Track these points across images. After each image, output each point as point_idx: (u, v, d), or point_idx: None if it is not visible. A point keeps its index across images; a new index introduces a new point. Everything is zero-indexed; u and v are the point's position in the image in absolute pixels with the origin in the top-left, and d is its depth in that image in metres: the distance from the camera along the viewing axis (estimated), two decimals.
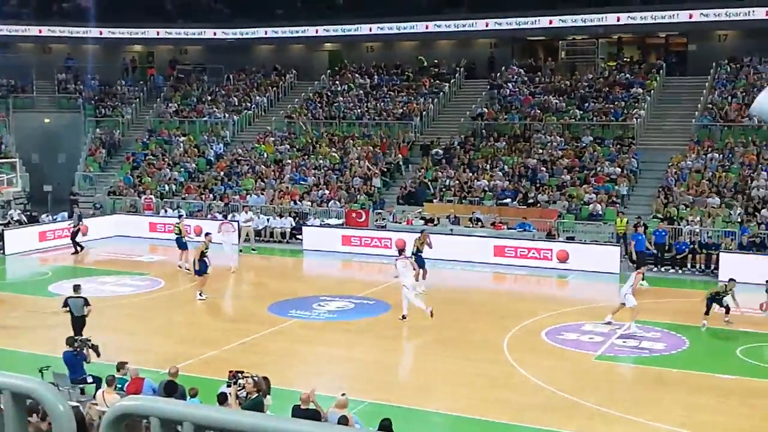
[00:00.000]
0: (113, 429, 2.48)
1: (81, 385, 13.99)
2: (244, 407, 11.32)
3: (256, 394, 11.79)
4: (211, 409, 2.47)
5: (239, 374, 12.22)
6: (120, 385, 12.71)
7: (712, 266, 25.72)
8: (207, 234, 25.14)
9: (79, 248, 30.00)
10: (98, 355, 14.23)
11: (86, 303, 17.47)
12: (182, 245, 27.15)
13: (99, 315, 21.46)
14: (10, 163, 30.76)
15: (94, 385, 13.98)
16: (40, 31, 44.83)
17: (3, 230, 29.96)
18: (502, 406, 14.45)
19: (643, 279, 21.57)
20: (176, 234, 27.57)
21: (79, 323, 17.13)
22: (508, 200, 31.34)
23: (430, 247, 23.83)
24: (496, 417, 13.99)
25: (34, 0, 47.06)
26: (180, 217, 30.91)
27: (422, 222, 30.37)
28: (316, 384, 13.21)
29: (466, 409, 14.40)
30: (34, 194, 37.60)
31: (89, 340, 14.37)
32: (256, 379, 12.07)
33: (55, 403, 2.37)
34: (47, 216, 33.61)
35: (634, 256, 25.34)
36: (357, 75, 43.32)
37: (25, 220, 32.02)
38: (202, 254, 22.76)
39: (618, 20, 38.37)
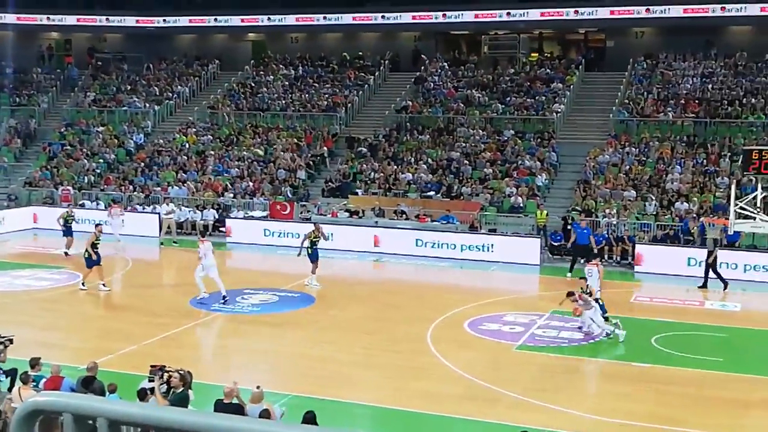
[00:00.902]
0: (25, 425, 2.42)
1: None
2: (170, 402, 11.18)
3: (182, 389, 11.66)
4: (126, 404, 2.44)
5: (163, 368, 12.04)
6: (36, 383, 12.37)
7: (629, 258, 26.42)
8: (97, 224, 24.69)
9: None
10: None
11: None
12: (67, 233, 27.51)
13: (13, 310, 20.91)
14: None
15: (9, 381, 13.58)
16: None
17: None
18: (425, 397, 14.58)
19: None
20: (65, 222, 27.77)
21: None
22: (432, 193, 31.61)
23: (325, 239, 23.85)
24: (419, 407, 14.12)
25: None
26: (69, 206, 30.65)
27: (347, 214, 30.42)
28: (239, 378, 13.10)
29: (390, 401, 14.50)
30: None
31: (4, 337, 13.92)
32: (182, 373, 11.93)
33: None
34: None
35: (570, 246, 25.69)
36: (281, 66, 43.02)
37: None
38: (94, 245, 22.42)
39: (539, 16, 39.05)
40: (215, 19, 44.13)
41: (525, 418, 13.44)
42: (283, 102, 39.82)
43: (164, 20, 44.80)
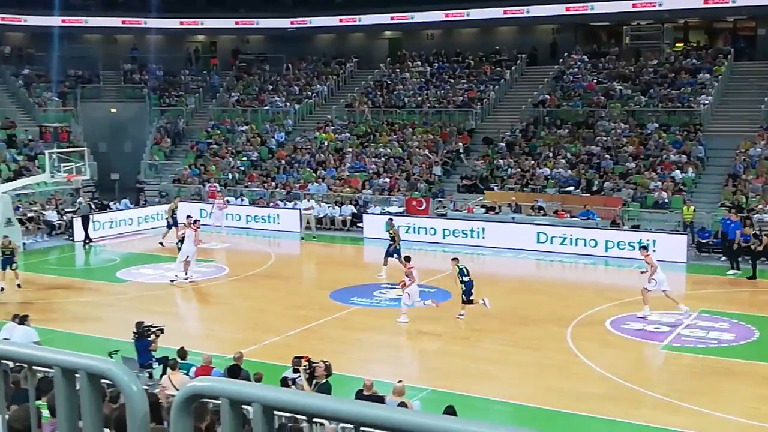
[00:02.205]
0: (184, 408, 2.49)
1: (148, 370, 14.26)
2: (317, 391, 11.46)
3: (325, 380, 11.92)
4: (281, 391, 2.47)
5: (309, 360, 12.31)
6: (184, 371, 12.91)
7: None
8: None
9: (90, 240, 29.65)
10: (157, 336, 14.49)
11: None
12: (170, 225, 29.09)
13: (165, 302, 21.98)
14: (79, 152, 31.34)
15: (161, 368, 14.26)
16: (120, 23, 45.70)
17: (72, 218, 30.67)
18: (565, 395, 14.30)
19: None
20: (172, 214, 29.32)
21: None
22: (571, 188, 30.95)
23: (398, 237, 24.78)
24: (559, 406, 13.86)
25: None
26: (176, 198, 32.13)
27: (483, 210, 30.21)
28: (377, 371, 13.28)
29: (528, 398, 14.30)
30: (102, 182, 38.44)
31: (156, 327, 14.61)
32: (327, 363, 12.20)
33: (129, 383, 2.39)
34: (115, 204, 34.37)
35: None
36: (417, 62, 43.20)
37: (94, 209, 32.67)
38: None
39: (684, 4, 37.54)
40: (352, 19, 44.75)
41: (671, 421, 12.97)
42: (419, 98, 39.98)
43: (303, 21, 45.82)
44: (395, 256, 23.56)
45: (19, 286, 22.35)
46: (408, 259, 20.08)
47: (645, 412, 13.65)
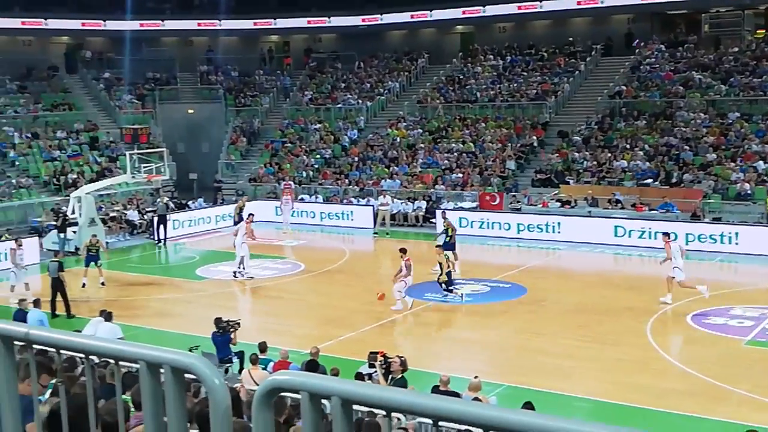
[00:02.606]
0: (265, 402, 2.54)
1: (226, 365, 14.54)
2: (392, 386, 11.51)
3: (401, 375, 11.95)
4: (360, 385, 2.49)
5: (385, 355, 12.37)
6: (263, 366, 13.12)
7: None
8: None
9: (160, 239, 30.01)
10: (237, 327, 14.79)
11: (60, 268, 19.92)
12: (236, 223, 29.03)
13: (243, 298, 22.35)
14: (158, 153, 32.14)
15: (238, 363, 14.53)
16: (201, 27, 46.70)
17: (153, 217, 31.40)
18: (645, 391, 14.03)
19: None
20: (239, 212, 29.37)
21: (54, 283, 19.80)
22: (649, 180, 30.31)
23: (454, 231, 24.75)
24: (639, 402, 13.61)
25: None
26: (243, 197, 32.46)
27: (558, 204, 29.84)
28: (452, 367, 13.24)
29: (608, 394, 14.08)
30: (181, 182, 39.29)
31: (233, 321, 14.88)
32: (402, 359, 12.23)
33: (212, 377, 2.45)
34: (194, 203, 35.09)
35: None
36: (489, 56, 42.88)
37: (174, 208, 33.39)
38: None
39: None
40: (424, 14, 44.67)
41: (756, 418, 12.58)
42: (492, 93, 39.68)
43: (374, 18, 45.92)
44: (452, 249, 23.37)
45: (102, 284, 23.06)
46: (404, 251, 20.37)
47: (729, 409, 13.30)
